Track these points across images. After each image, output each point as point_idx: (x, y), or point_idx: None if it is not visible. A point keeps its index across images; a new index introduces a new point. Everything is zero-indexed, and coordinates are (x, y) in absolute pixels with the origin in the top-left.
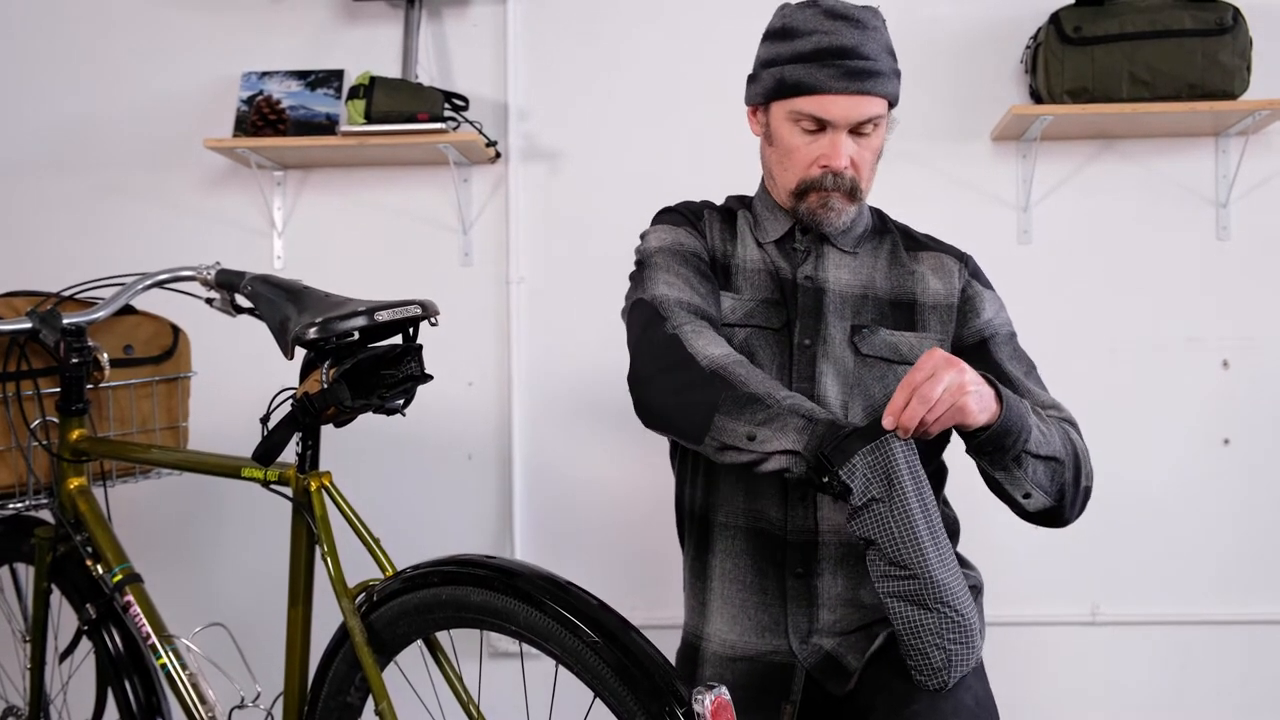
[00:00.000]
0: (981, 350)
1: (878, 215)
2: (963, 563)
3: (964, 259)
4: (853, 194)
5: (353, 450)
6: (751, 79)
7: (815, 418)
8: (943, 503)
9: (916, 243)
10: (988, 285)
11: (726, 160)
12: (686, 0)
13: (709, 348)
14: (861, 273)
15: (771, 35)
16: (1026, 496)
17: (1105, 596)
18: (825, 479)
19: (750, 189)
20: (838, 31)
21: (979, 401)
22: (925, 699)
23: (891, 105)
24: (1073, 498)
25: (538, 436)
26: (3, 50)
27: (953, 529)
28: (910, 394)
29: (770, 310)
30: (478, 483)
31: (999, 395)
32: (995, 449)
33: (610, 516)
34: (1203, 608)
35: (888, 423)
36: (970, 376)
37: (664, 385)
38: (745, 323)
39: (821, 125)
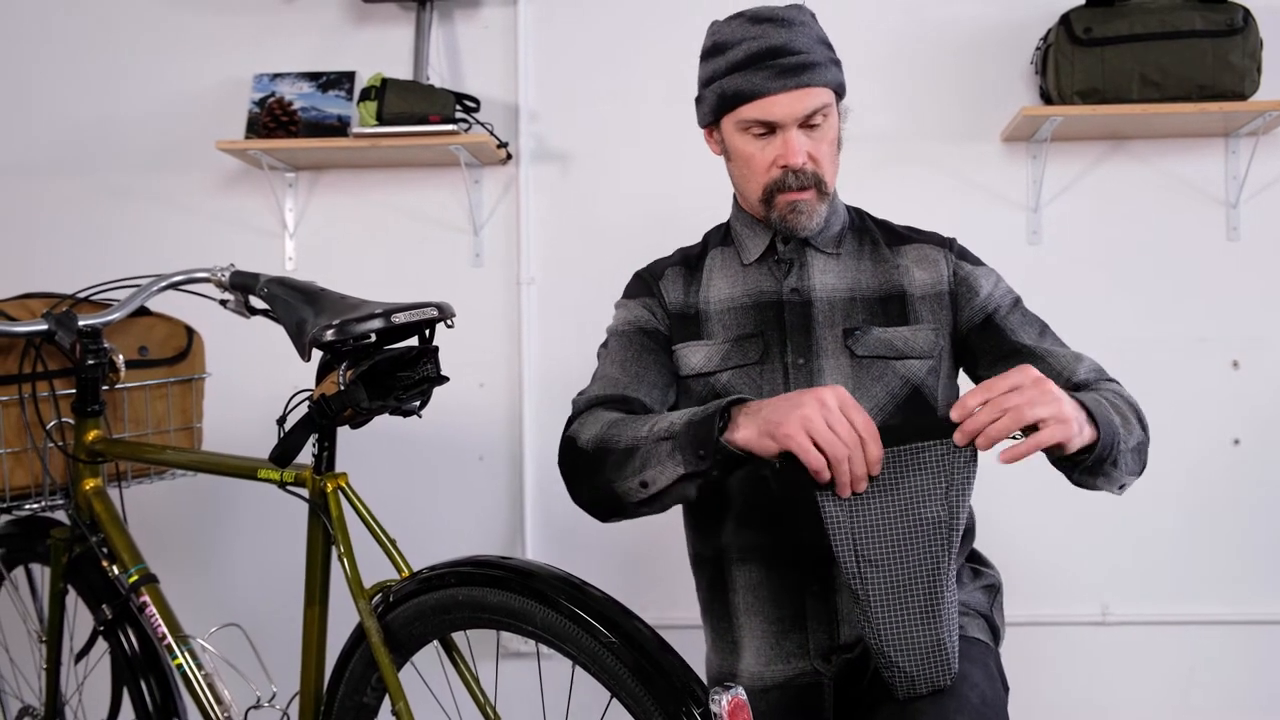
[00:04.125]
0: (989, 326)
1: (856, 213)
2: (980, 560)
3: (947, 244)
4: (819, 188)
5: (363, 452)
6: (697, 102)
7: (673, 432)
8: None
9: (898, 236)
10: (978, 262)
11: None
12: (696, 1)
13: (589, 430)
14: (846, 275)
15: (706, 54)
16: (1122, 487)
17: (1115, 597)
18: (773, 466)
19: None
20: (765, 35)
21: (1075, 423)
22: (929, 696)
23: (839, 94)
24: (1148, 457)
25: (549, 437)
26: (15, 52)
27: (968, 526)
28: (984, 399)
29: (746, 346)
30: (489, 484)
31: (1090, 413)
32: (1096, 463)
33: None
34: (1213, 608)
35: (957, 436)
36: (1058, 393)
37: (575, 482)
38: (723, 367)
39: (770, 128)
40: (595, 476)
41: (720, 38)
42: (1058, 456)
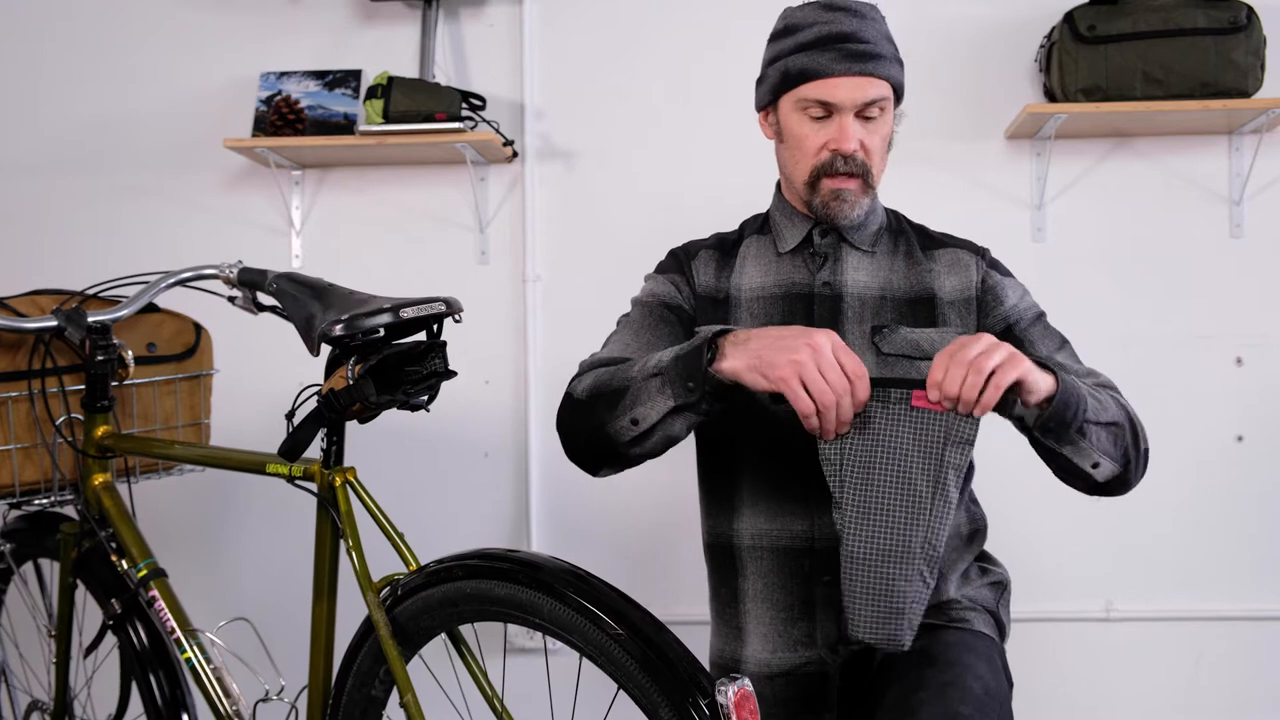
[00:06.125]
0: (1008, 337)
1: (894, 215)
2: (989, 559)
3: (980, 252)
4: (865, 180)
5: (370, 447)
6: (759, 81)
7: (661, 368)
8: (970, 500)
9: (933, 240)
10: (1007, 274)
11: (741, 158)
12: (701, 1)
13: (584, 383)
14: (879, 274)
15: (775, 35)
16: (1095, 466)
17: (1119, 593)
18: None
19: (763, 188)
20: (837, 21)
21: (1037, 372)
22: (933, 686)
23: (898, 94)
24: (1135, 460)
25: (553, 434)
26: (24, 52)
27: (979, 526)
28: (947, 361)
29: None
30: (494, 480)
31: (1050, 370)
32: (1058, 423)
33: (625, 514)
34: (1216, 604)
35: (932, 394)
36: (1015, 350)
37: (569, 433)
38: None
39: (828, 110)
40: (588, 421)
41: (792, 20)
42: (1018, 414)
